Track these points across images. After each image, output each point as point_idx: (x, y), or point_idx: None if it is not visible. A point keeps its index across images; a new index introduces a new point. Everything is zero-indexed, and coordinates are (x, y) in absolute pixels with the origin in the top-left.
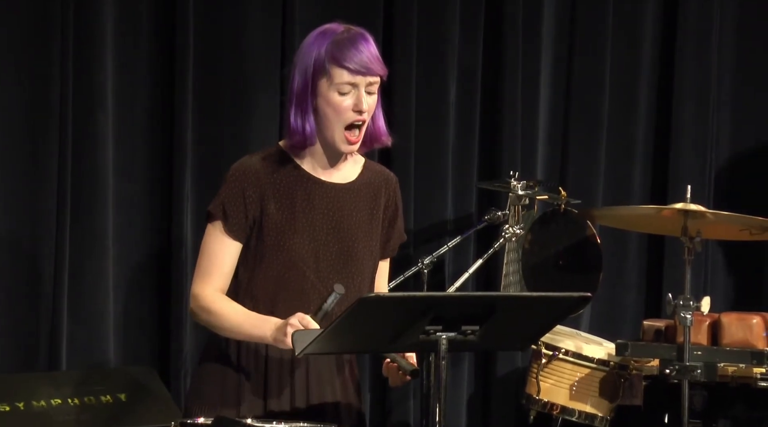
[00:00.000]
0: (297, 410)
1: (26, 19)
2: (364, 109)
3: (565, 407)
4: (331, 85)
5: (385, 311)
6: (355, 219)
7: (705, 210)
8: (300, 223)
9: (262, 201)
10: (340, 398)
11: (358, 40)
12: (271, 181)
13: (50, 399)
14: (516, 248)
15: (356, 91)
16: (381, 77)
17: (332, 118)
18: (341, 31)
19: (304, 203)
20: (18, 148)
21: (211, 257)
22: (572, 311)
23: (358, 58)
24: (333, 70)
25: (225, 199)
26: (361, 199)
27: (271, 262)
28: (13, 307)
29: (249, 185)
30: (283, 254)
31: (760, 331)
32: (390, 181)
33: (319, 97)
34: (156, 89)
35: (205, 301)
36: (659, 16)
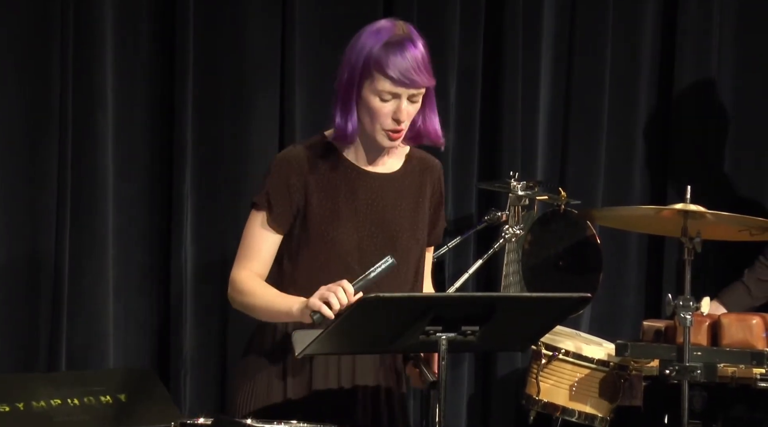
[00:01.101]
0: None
1: (26, 19)
2: (403, 118)
3: (565, 408)
4: (373, 89)
5: (386, 311)
6: (399, 209)
7: (705, 211)
8: (344, 213)
9: (306, 191)
10: (383, 392)
11: (407, 46)
12: (315, 171)
13: (50, 400)
14: (516, 248)
15: (397, 101)
16: (427, 88)
17: (371, 121)
18: (394, 32)
19: (347, 193)
20: (18, 148)
21: (251, 245)
22: (572, 311)
23: (404, 68)
24: (377, 76)
25: (270, 189)
26: (405, 188)
27: (315, 252)
28: (13, 307)
29: (293, 174)
30: (327, 244)
31: (759, 331)
32: (435, 168)
33: (362, 97)
34: (156, 89)
35: (240, 283)
36: (659, 15)
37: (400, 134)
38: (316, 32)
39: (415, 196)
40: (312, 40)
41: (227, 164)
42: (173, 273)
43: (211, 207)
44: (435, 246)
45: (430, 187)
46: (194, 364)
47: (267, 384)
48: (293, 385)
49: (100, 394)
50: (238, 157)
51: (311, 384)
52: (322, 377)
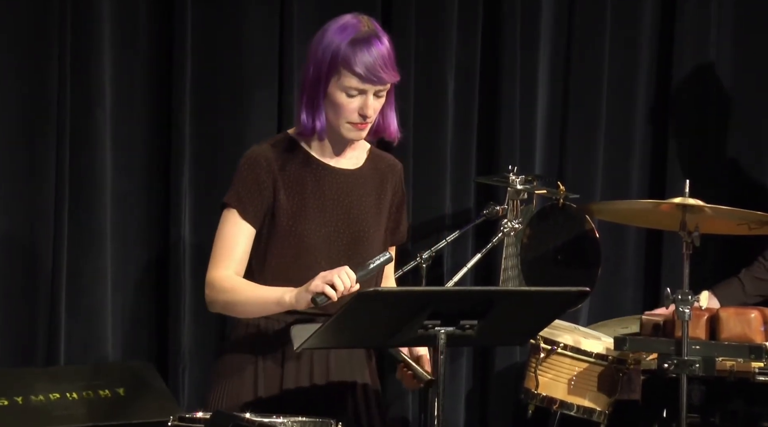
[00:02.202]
0: (313, 401)
1: (25, 18)
2: (369, 113)
3: (564, 402)
4: (340, 86)
5: (384, 305)
6: (364, 204)
7: (703, 205)
8: (311, 209)
9: (274, 187)
10: (359, 389)
11: (373, 43)
12: (282, 168)
13: (49, 394)
14: (514, 242)
15: (364, 96)
16: (391, 83)
17: (337, 116)
18: (360, 29)
19: (314, 189)
20: (16, 145)
21: (225, 243)
22: (571, 305)
23: (371, 64)
24: (344, 72)
25: (240, 187)
26: (368, 184)
27: (283, 248)
28: (12, 303)
29: (262, 172)
30: (295, 239)
31: (758, 325)
32: (396, 168)
33: (328, 92)
34: (154, 87)
35: (220, 281)
36: (657, 11)
37: (366, 125)
38: (313, 30)
39: (377, 193)
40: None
41: (225, 161)
42: (171, 269)
43: (209, 203)
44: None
45: (391, 186)
46: (192, 358)
47: (239, 384)
48: (265, 383)
49: (99, 388)
50: (235, 154)
51: (282, 383)
52: (293, 375)
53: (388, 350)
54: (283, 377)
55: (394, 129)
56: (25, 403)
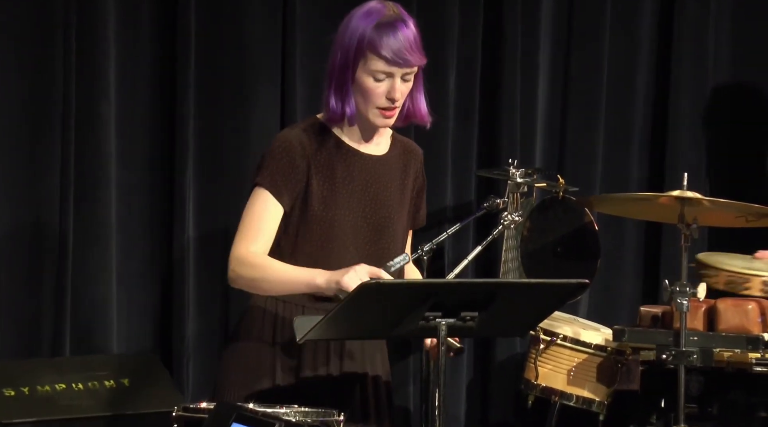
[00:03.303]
0: (327, 388)
1: (30, 13)
2: (397, 97)
3: (563, 392)
4: (367, 70)
5: (386, 297)
6: (389, 190)
7: (701, 197)
8: (340, 195)
9: (308, 172)
10: (370, 380)
11: (399, 27)
12: (315, 153)
13: (54, 384)
14: (515, 235)
15: (391, 80)
16: (419, 66)
17: (365, 101)
18: (385, 13)
19: (344, 175)
20: (22, 137)
21: (254, 221)
22: (570, 297)
23: (397, 47)
24: (370, 56)
25: (274, 170)
26: (393, 170)
27: (313, 233)
28: (18, 294)
29: (297, 156)
30: (326, 225)
31: (755, 316)
32: (417, 153)
33: (356, 78)
34: (158, 79)
35: (248, 258)
36: (657, 5)
37: (393, 112)
38: (316, 24)
39: (401, 178)
40: (312, 32)
41: (228, 154)
42: (175, 260)
43: (213, 196)
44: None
45: (413, 171)
46: (196, 349)
47: (256, 371)
48: (282, 372)
49: (104, 379)
50: (239, 147)
51: (300, 371)
52: (310, 364)
53: None
54: (300, 365)
55: (424, 112)
56: (32, 393)
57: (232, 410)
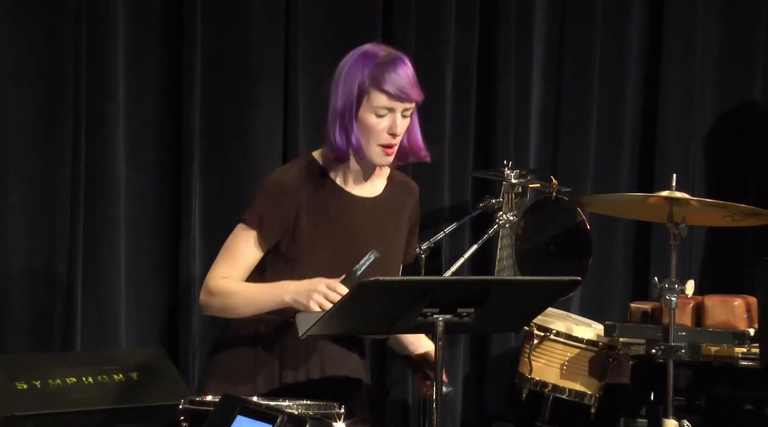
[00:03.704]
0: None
1: (42, 20)
2: (398, 132)
3: (556, 386)
4: (370, 107)
5: (385, 294)
6: (382, 231)
7: (690, 198)
8: (330, 236)
9: (297, 213)
10: (351, 382)
11: (398, 65)
12: (307, 195)
13: (65, 378)
14: (509, 234)
15: (392, 115)
16: (417, 103)
17: (367, 139)
18: (382, 54)
19: (336, 217)
20: (34, 140)
21: (234, 255)
22: (563, 294)
23: (399, 83)
24: (373, 93)
25: (262, 211)
26: (388, 211)
27: (300, 270)
28: (30, 292)
29: (287, 199)
30: (314, 264)
31: (741, 312)
32: (413, 191)
33: (358, 117)
34: (165, 83)
35: (218, 286)
36: (646, 11)
37: (393, 150)
38: (318, 29)
39: (396, 218)
40: (314, 36)
41: (233, 155)
42: (182, 258)
43: (218, 196)
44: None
45: (408, 209)
46: (202, 344)
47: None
48: (263, 381)
49: (113, 372)
50: (243, 149)
51: (280, 379)
52: (291, 371)
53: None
54: (280, 374)
55: (421, 147)
56: (43, 386)
57: (237, 403)
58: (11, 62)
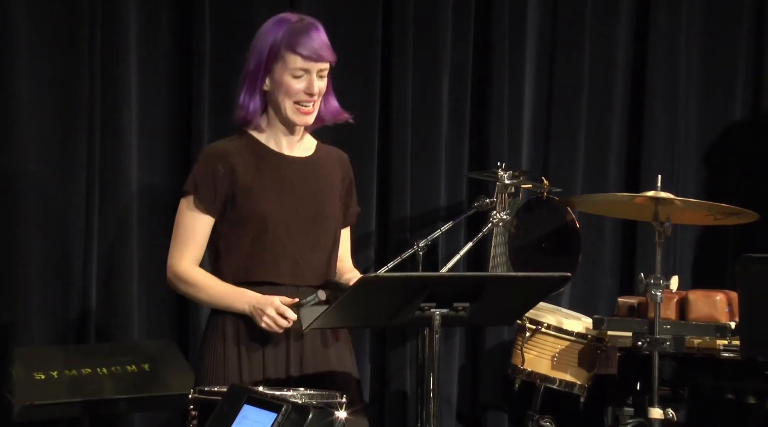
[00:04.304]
0: (293, 379)
1: (59, 27)
2: (315, 91)
3: (547, 376)
4: (285, 69)
5: (385, 289)
6: (318, 188)
7: (674, 198)
8: (270, 193)
9: (232, 175)
10: (335, 367)
11: (311, 29)
12: (239, 158)
13: (81, 369)
14: (503, 232)
15: (308, 76)
16: (330, 63)
17: (284, 98)
18: (295, 20)
19: (271, 174)
20: (52, 141)
21: (185, 230)
22: (554, 289)
23: (311, 45)
24: (287, 56)
25: (197, 176)
26: (320, 170)
27: (246, 229)
28: (47, 287)
29: (219, 162)
30: (258, 220)
31: (723, 307)
32: (343, 157)
33: (274, 79)
34: (175, 88)
35: (183, 273)
36: (632, 22)
37: (310, 110)
38: None
39: (329, 178)
40: None
41: None
42: None
43: None
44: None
45: (340, 173)
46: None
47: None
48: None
49: (127, 364)
50: None
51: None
52: (272, 359)
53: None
54: (264, 364)
55: (338, 110)
56: (60, 377)
57: (244, 393)
58: (31, 70)
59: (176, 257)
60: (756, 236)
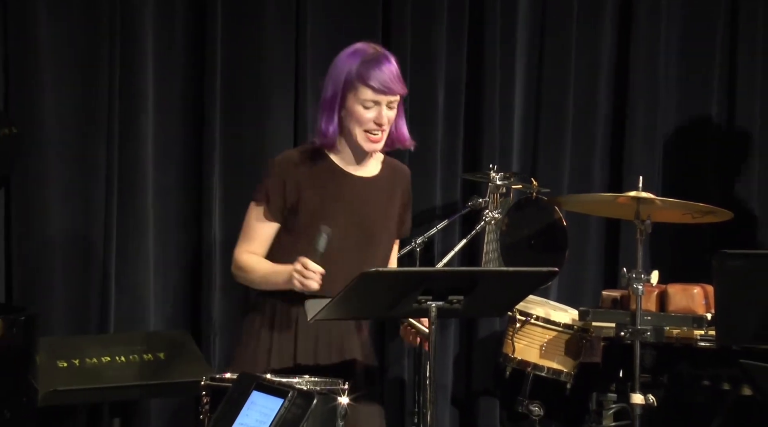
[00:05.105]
0: (320, 366)
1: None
2: (383, 122)
3: (536, 364)
4: (357, 99)
5: (385, 283)
6: (376, 208)
7: (654, 197)
8: (329, 208)
9: (298, 188)
10: (357, 356)
11: (382, 62)
12: (307, 172)
13: (101, 357)
14: (495, 230)
15: (378, 107)
16: (401, 95)
17: (355, 126)
18: (369, 52)
19: (334, 192)
20: (75, 145)
21: (252, 230)
22: (542, 283)
23: (381, 78)
24: (359, 87)
25: (268, 186)
26: (381, 190)
27: (302, 240)
28: (69, 280)
29: (288, 176)
30: (313, 232)
31: (700, 299)
32: (405, 174)
33: (347, 107)
34: (189, 96)
35: (240, 262)
36: (615, 33)
37: (379, 138)
38: (324, 46)
39: (389, 196)
40: (321, 53)
41: (249, 159)
42: (204, 251)
43: (236, 195)
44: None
45: (400, 190)
46: (222, 328)
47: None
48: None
49: (143, 352)
50: (257, 153)
51: (294, 358)
52: (302, 352)
53: None
54: (296, 349)
55: (406, 137)
56: (81, 365)
57: (253, 380)
58: (57, 81)
59: (238, 251)
60: (731, 234)
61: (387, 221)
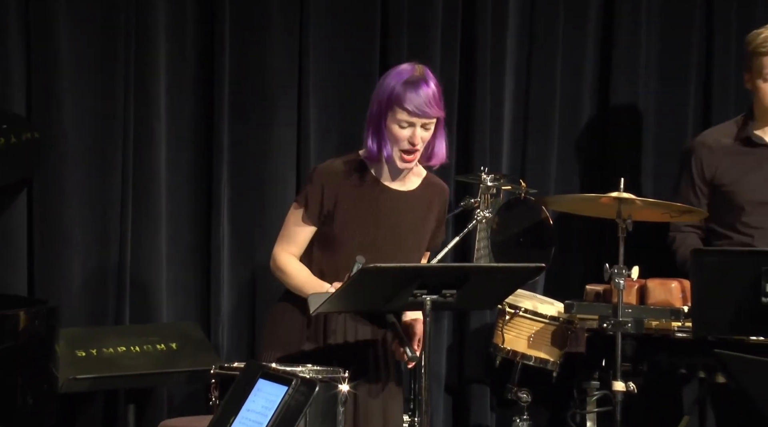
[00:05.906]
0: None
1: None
2: (416, 142)
3: (524, 354)
4: (394, 119)
5: (383, 278)
6: (409, 220)
7: (635, 198)
8: (365, 218)
9: (337, 198)
10: (380, 349)
11: (420, 85)
12: (347, 182)
13: (117, 347)
14: (486, 228)
15: (413, 128)
16: (438, 117)
17: (392, 143)
18: (410, 73)
19: (370, 203)
20: (92, 148)
21: (291, 231)
22: (530, 277)
23: (417, 102)
24: (396, 108)
25: (308, 192)
26: (417, 204)
27: (339, 246)
28: (88, 276)
29: (327, 184)
30: (349, 241)
31: (678, 293)
32: (443, 191)
33: (386, 124)
34: (199, 102)
35: (281, 262)
36: (599, 39)
37: (413, 157)
38: (326, 55)
39: (424, 212)
40: (323, 61)
41: (255, 162)
42: (213, 249)
43: (242, 197)
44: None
45: (437, 206)
46: (230, 320)
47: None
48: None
49: (157, 343)
50: (262, 157)
51: (325, 340)
52: (332, 334)
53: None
54: (325, 335)
55: (442, 156)
56: (99, 354)
57: (259, 369)
58: (74, 87)
59: (278, 250)
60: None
61: (418, 235)
